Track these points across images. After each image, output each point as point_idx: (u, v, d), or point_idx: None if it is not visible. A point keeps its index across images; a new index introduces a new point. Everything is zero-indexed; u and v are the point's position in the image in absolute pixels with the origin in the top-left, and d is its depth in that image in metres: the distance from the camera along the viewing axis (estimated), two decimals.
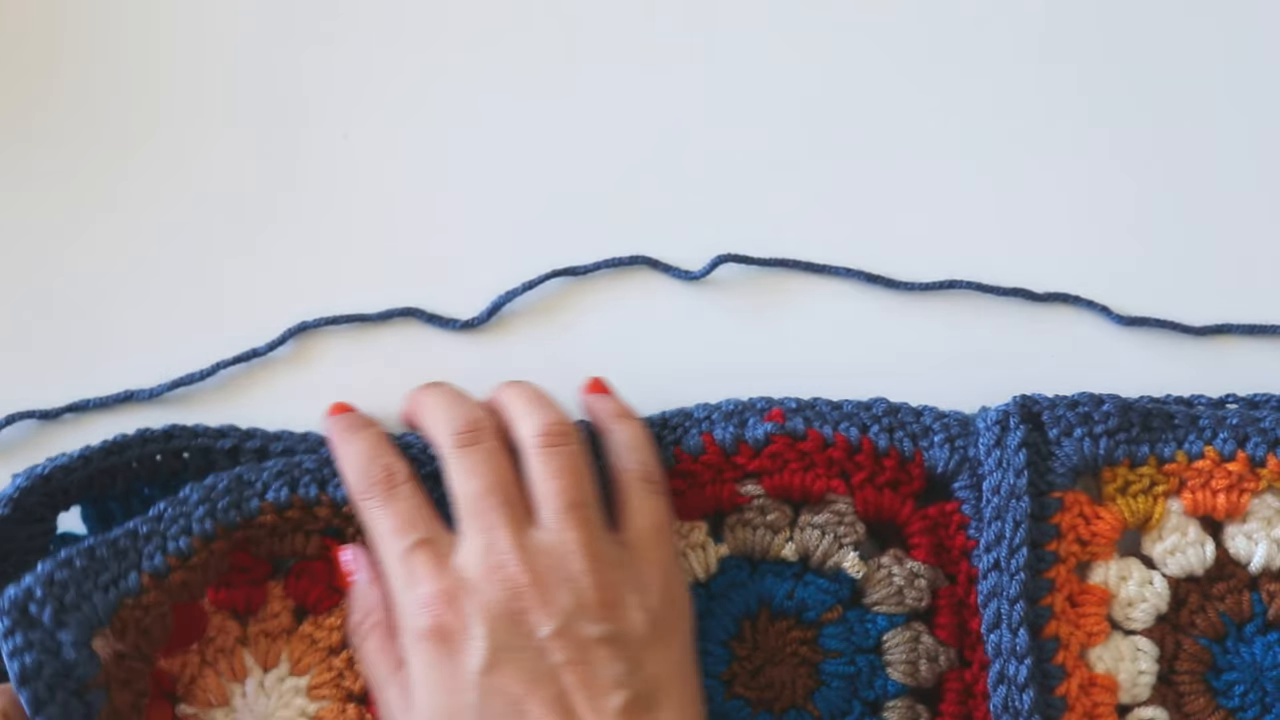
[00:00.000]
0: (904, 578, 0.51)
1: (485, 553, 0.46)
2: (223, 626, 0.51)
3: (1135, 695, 0.52)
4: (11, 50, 0.59)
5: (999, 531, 0.51)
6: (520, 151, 0.59)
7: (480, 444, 0.48)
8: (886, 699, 0.51)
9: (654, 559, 0.48)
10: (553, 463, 0.48)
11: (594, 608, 0.46)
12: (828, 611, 0.51)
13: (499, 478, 0.48)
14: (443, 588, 0.46)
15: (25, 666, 0.45)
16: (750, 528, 0.51)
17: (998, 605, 0.51)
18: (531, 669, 0.45)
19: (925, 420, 0.53)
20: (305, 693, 0.51)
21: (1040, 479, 0.52)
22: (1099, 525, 0.52)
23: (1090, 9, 0.60)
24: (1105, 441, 0.52)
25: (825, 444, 0.52)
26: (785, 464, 0.51)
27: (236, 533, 0.50)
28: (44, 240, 0.57)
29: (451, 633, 0.45)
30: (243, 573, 0.51)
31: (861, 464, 0.52)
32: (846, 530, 0.51)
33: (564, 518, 0.47)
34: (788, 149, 0.59)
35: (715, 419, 0.52)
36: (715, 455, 0.52)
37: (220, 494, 0.49)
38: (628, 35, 0.60)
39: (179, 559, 0.48)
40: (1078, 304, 0.57)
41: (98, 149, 0.58)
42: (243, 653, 0.51)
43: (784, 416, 0.52)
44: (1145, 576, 0.52)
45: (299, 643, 0.51)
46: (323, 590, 0.51)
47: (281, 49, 0.59)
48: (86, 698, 0.46)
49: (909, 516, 0.52)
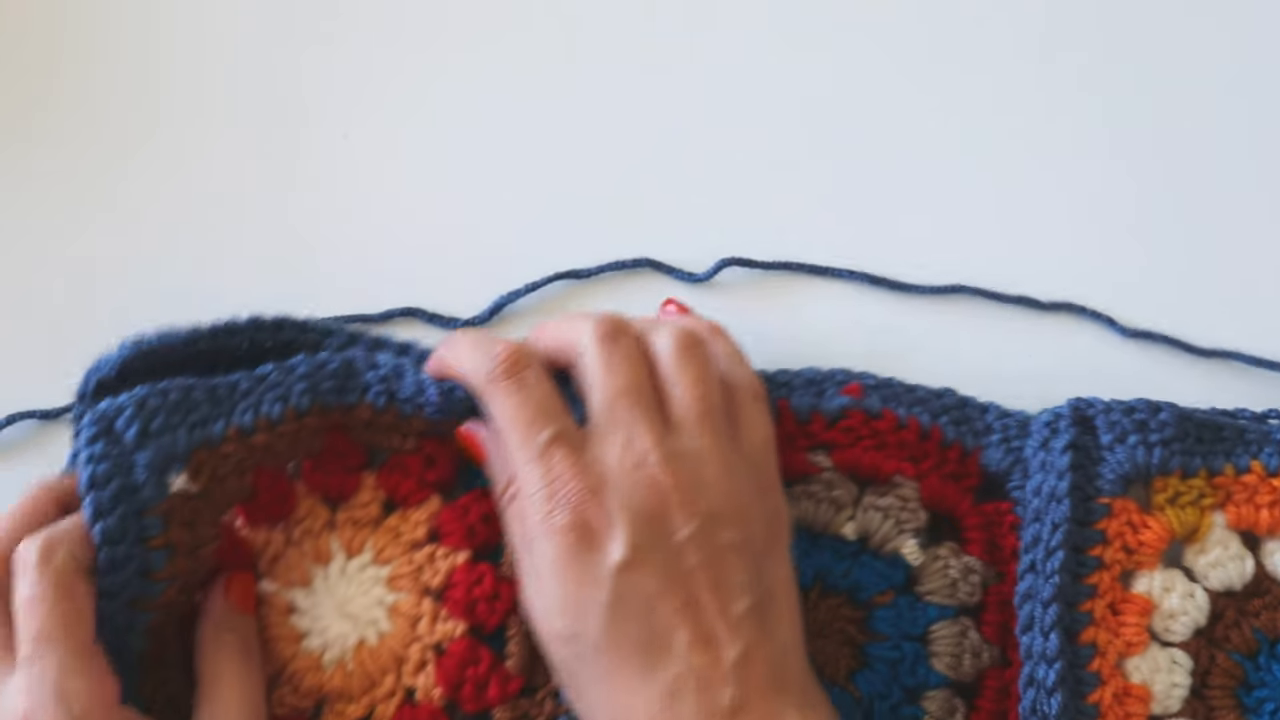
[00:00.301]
0: (959, 571, 0.51)
1: (625, 450, 0.46)
2: (313, 510, 0.51)
3: (1167, 707, 0.52)
4: (11, 50, 0.59)
5: (1037, 534, 0.51)
6: (521, 151, 0.59)
7: (621, 341, 0.48)
8: (927, 688, 0.51)
9: (768, 471, 0.49)
10: (690, 369, 0.48)
11: (727, 514, 0.46)
12: (881, 594, 0.51)
13: (640, 377, 0.47)
14: (586, 484, 0.45)
15: (96, 474, 0.46)
16: (814, 500, 0.51)
17: (1031, 608, 0.51)
18: (666, 571, 0.45)
19: (988, 418, 0.53)
20: (385, 583, 0.51)
21: (1088, 484, 0.52)
22: (1146, 534, 0.52)
23: (1096, 8, 0.62)
24: (1160, 451, 0.52)
25: (899, 425, 0.52)
26: (858, 440, 0.51)
27: (333, 415, 0.50)
28: (44, 240, 0.57)
29: (593, 529, 0.45)
30: (339, 458, 0.51)
31: (929, 452, 0.52)
32: (909, 516, 0.51)
33: (700, 424, 0.47)
34: (793, 151, 0.60)
35: (794, 385, 0.52)
36: (789, 422, 0.52)
37: (326, 375, 0.49)
38: (629, 35, 0.61)
39: (268, 423, 0.49)
40: (1082, 314, 0.58)
41: (98, 149, 0.58)
42: (329, 538, 0.51)
43: (862, 392, 0.51)
44: (1188, 589, 0.53)
45: (384, 534, 0.51)
46: (413, 485, 0.51)
47: (281, 49, 0.60)
48: (144, 521, 0.46)
49: (967, 511, 0.52)
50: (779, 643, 0.46)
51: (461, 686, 0.49)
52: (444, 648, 0.50)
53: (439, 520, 0.51)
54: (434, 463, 0.51)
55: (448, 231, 0.57)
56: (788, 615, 0.47)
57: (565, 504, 0.45)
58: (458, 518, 0.51)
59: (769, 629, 0.46)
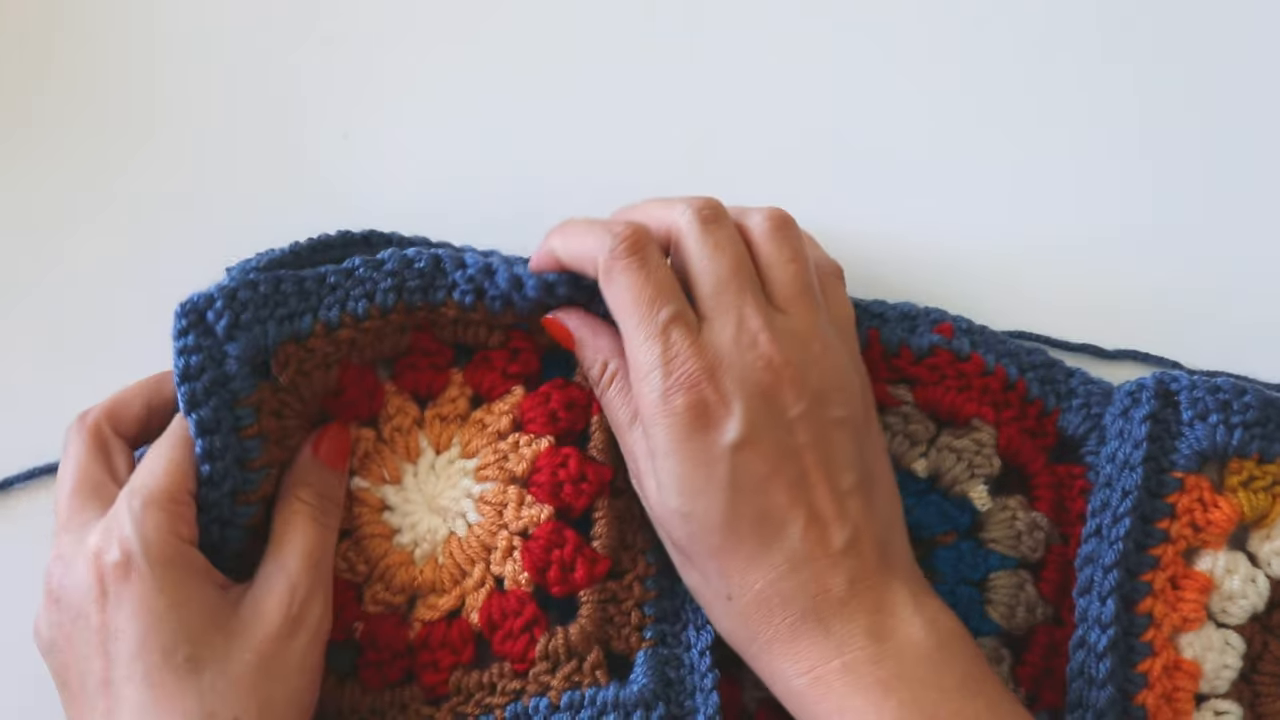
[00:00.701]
0: (1025, 524, 0.52)
1: (738, 330, 0.46)
2: (402, 408, 0.52)
3: (1215, 687, 0.52)
4: (11, 50, 0.59)
5: (1106, 499, 0.52)
6: (520, 152, 0.59)
7: (723, 222, 0.48)
8: (978, 635, 0.51)
9: (855, 346, 0.50)
10: (787, 247, 0.48)
11: (832, 390, 0.47)
12: (944, 535, 0.51)
13: (743, 258, 0.48)
14: (704, 364, 0.46)
15: (189, 366, 0.47)
16: (890, 432, 0.52)
17: (1091, 571, 0.51)
18: (778, 447, 0.46)
19: (1073, 383, 0.53)
20: (472, 474, 0.52)
21: (1163, 456, 0.52)
22: (1215, 514, 0.52)
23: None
24: (1240, 433, 0.52)
25: (985, 371, 0.52)
26: (943, 378, 0.52)
27: (418, 313, 0.51)
28: (44, 239, 0.57)
29: (710, 408, 0.46)
30: (426, 356, 0.52)
31: (1011, 402, 0.52)
32: (983, 462, 0.52)
33: (801, 301, 0.48)
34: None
35: (887, 317, 0.53)
36: (876, 352, 0.52)
37: (414, 274, 0.50)
38: (631, 35, 0.60)
39: (353, 319, 0.50)
40: (1148, 360, 0.57)
41: (98, 149, 0.58)
42: (418, 434, 0.52)
43: (954, 333, 0.52)
44: (1250, 573, 0.53)
45: (471, 428, 0.52)
46: (497, 378, 0.52)
47: (281, 49, 0.60)
48: (237, 411, 0.48)
49: (1039, 469, 0.53)
50: (882, 519, 0.47)
51: (548, 569, 0.50)
52: (530, 532, 0.50)
53: (521, 409, 0.52)
54: (518, 355, 0.52)
55: (447, 231, 0.57)
56: (887, 490, 0.48)
57: (683, 383, 0.46)
58: (539, 404, 0.51)
59: (873, 504, 0.47)
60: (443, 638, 0.50)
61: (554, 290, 0.50)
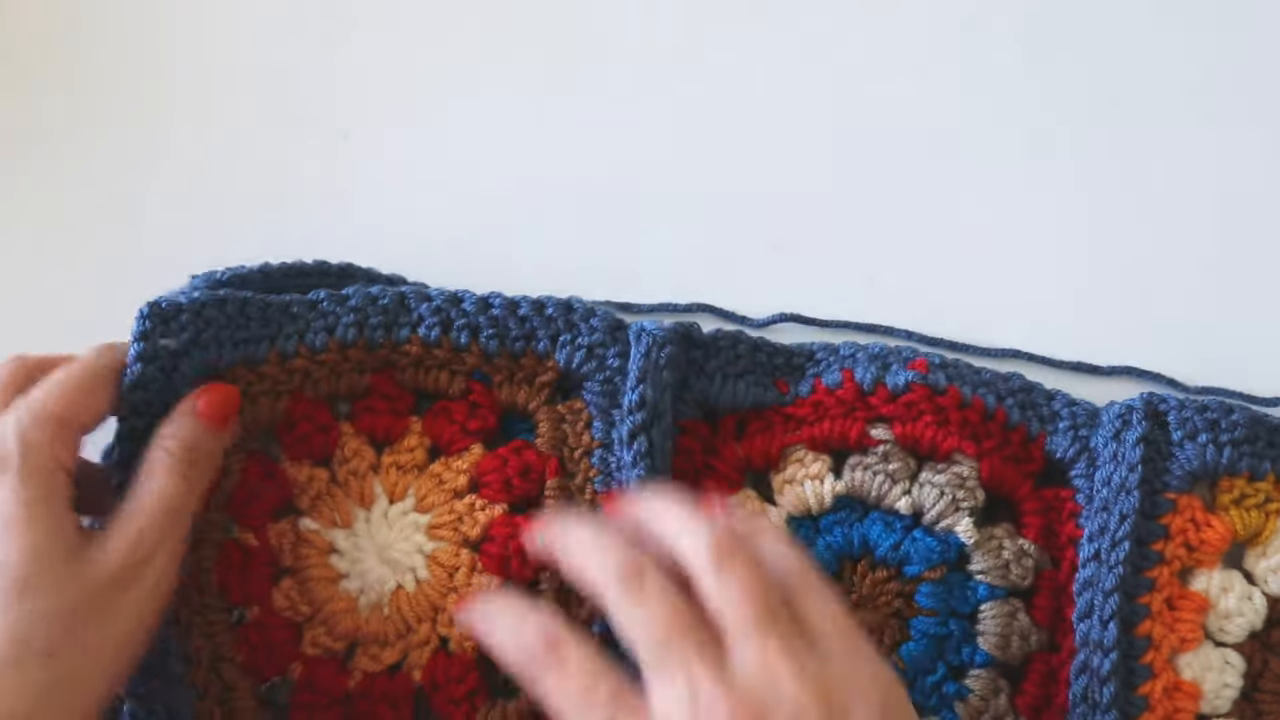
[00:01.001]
0: (1013, 553, 0.51)
1: (691, 702, 0.41)
2: (359, 450, 0.52)
3: (1216, 707, 0.52)
4: (12, 50, 0.60)
5: (1103, 523, 0.51)
6: (522, 152, 0.59)
7: (647, 581, 0.43)
8: (972, 667, 0.51)
9: (853, 655, 0.43)
10: (732, 579, 0.43)
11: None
12: (931, 570, 0.51)
13: (678, 614, 0.42)
14: None
15: (140, 375, 0.48)
16: (871, 471, 0.52)
17: (1091, 596, 0.51)
18: None
19: (1055, 405, 0.53)
20: (425, 530, 0.52)
21: (1155, 478, 0.52)
22: (1209, 533, 0.52)
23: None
24: (1230, 451, 0.52)
25: (963, 403, 0.52)
26: (920, 414, 0.51)
27: (380, 351, 0.51)
28: (44, 239, 0.57)
29: None
30: (385, 400, 0.52)
31: (992, 432, 0.52)
32: (966, 495, 0.51)
33: (759, 639, 0.42)
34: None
35: (859, 358, 0.52)
36: (852, 392, 0.52)
37: (377, 310, 0.51)
38: (630, 36, 0.60)
39: (309, 351, 0.50)
40: (1143, 377, 0.56)
41: (99, 149, 0.59)
42: (373, 480, 0.52)
43: (928, 368, 0.52)
44: (1246, 591, 0.52)
45: (427, 481, 0.52)
46: (457, 432, 0.52)
47: (281, 49, 0.60)
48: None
49: (1026, 495, 0.52)
50: None
51: None
52: None
53: (479, 468, 0.51)
54: (476, 410, 0.52)
55: (448, 232, 0.57)
56: None
57: None
58: (497, 468, 0.51)
59: None
60: (384, 690, 0.50)
61: (516, 310, 0.51)
